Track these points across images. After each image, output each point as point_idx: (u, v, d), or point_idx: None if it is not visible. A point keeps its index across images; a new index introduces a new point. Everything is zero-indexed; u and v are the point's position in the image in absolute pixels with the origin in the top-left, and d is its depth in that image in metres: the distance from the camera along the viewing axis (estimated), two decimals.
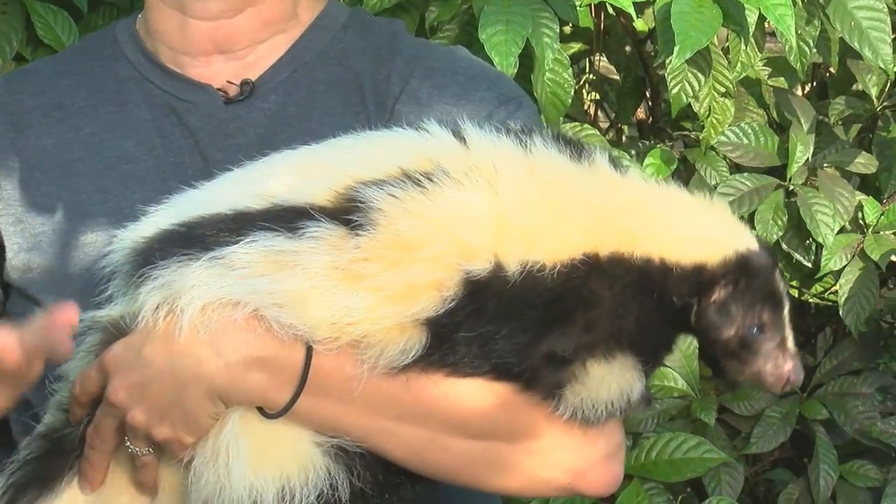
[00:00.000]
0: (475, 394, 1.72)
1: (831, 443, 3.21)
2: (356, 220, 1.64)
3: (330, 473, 1.70)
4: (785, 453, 3.35)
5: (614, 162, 1.73)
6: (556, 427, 1.74)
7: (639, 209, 1.71)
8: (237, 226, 1.68)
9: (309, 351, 1.66)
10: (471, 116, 1.85)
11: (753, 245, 1.73)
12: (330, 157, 1.75)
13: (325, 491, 1.69)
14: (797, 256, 3.14)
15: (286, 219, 1.66)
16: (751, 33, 2.75)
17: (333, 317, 1.64)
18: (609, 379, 1.71)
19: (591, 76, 3.29)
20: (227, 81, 1.97)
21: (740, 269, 1.71)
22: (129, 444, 1.69)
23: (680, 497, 3.14)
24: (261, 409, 1.68)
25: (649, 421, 3.17)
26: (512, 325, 1.68)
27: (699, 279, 1.69)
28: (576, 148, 1.72)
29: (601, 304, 1.68)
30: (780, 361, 1.72)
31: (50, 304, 1.78)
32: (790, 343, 1.73)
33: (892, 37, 2.85)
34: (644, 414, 3.15)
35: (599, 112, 3.51)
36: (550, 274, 1.65)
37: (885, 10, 2.85)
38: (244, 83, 1.97)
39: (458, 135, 1.72)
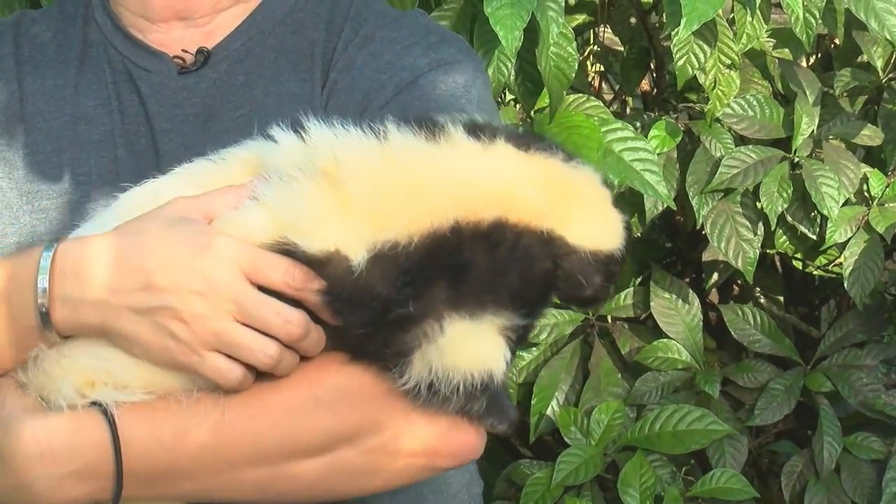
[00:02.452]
0: (303, 409, 1.65)
1: (835, 415, 3.19)
2: None
3: None
4: (789, 425, 3.33)
5: (476, 131, 1.66)
6: (396, 416, 1.68)
7: (516, 177, 1.66)
8: None
9: (115, 437, 1.59)
10: (391, 83, 1.84)
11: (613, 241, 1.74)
12: (161, 187, 1.69)
13: None
14: (802, 228, 3.12)
15: None
16: (757, 4, 2.75)
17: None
18: (469, 346, 1.63)
19: (595, 47, 3.28)
20: (183, 50, 1.93)
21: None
22: None
23: (683, 469, 3.13)
24: None
25: (653, 393, 3.16)
26: (351, 303, 1.60)
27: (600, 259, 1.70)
28: (429, 127, 1.64)
29: (473, 275, 1.61)
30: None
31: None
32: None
33: None
34: (647, 386, 3.16)
35: (603, 83, 3.51)
36: (405, 250, 1.57)
37: None
38: (199, 52, 1.94)
39: (300, 134, 1.65)
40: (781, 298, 3.52)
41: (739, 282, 3.31)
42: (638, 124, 3.00)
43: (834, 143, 3.14)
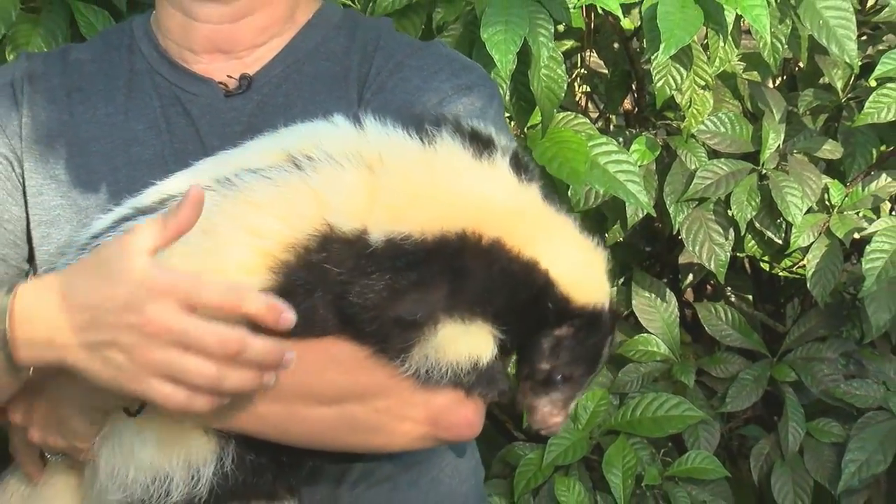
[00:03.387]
0: (320, 362, 1.68)
1: (799, 403, 3.19)
2: (218, 192, 1.65)
3: (225, 455, 1.69)
4: (757, 412, 3.32)
5: (518, 165, 1.70)
6: (401, 385, 1.70)
7: (536, 218, 1.68)
8: (130, 217, 1.72)
9: None
10: (426, 103, 1.89)
11: (607, 305, 1.72)
12: (233, 154, 1.75)
13: (226, 470, 1.69)
14: (769, 234, 3.11)
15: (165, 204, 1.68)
16: (729, 31, 2.72)
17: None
18: (459, 341, 1.65)
19: (582, 70, 3.27)
20: (228, 76, 1.96)
21: (590, 320, 1.69)
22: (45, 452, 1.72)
23: (662, 451, 3.13)
24: (126, 410, 1.65)
25: (634, 382, 3.15)
26: (366, 286, 1.63)
27: (560, 307, 1.67)
28: (481, 145, 1.68)
29: (470, 280, 1.64)
30: (554, 413, 1.74)
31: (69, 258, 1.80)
32: (572, 404, 1.75)
33: (857, 34, 2.81)
34: (629, 377, 3.15)
35: (590, 103, 3.50)
36: (416, 242, 1.61)
37: (851, 9, 2.81)
38: (242, 77, 1.96)
39: (359, 125, 1.70)
40: (750, 297, 3.51)
41: (712, 282, 3.31)
42: (621, 139, 2.99)
43: (798, 156, 3.12)
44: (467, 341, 1.66)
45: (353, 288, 1.62)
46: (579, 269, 1.70)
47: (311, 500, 1.84)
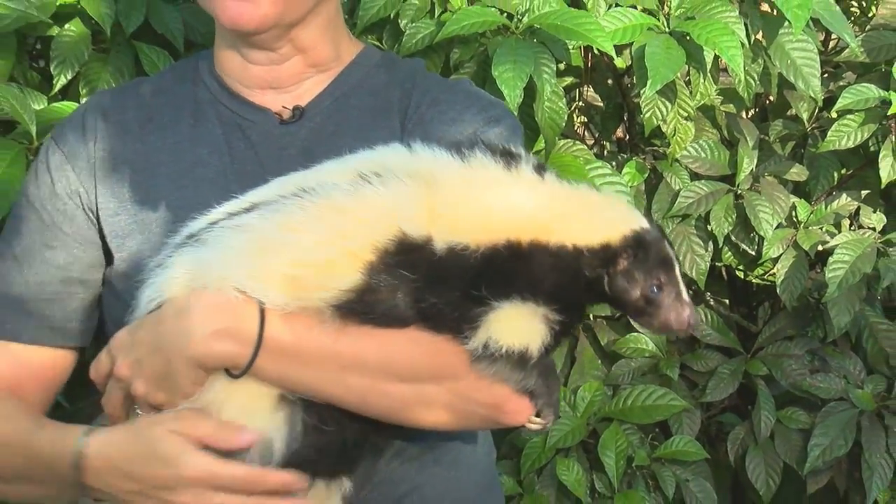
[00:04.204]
0: (403, 344, 1.70)
1: (770, 394, 3.20)
2: (304, 198, 1.68)
3: (296, 431, 1.70)
4: (733, 402, 3.34)
5: (539, 168, 1.74)
6: (471, 371, 1.73)
7: (554, 207, 1.71)
8: (219, 220, 1.73)
9: (262, 318, 1.66)
10: (462, 132, 1.92)
11: (645, 224, 1.74)
12: (311, 172, 1.78)
13: (296, 446, 1.70)
14: (743, 246, 3.13)
15: (254, 208, 1.72)
16: (708, 69, 2.75)
17: (283, 267, 1.66)
18: (514, 323, 1.69)
19: (580, 103, 3.28)
20: (283, 106, 1.98)
21: (637, 243, 1.71)
22: (137, 408, 1.71)
23: (650, 435, 3.14)
24: (228, 371, 1.68)
25: (626, 376, 3.16)
26: (438, 283, 1.67)
27: (606, 255, 1.69)
28: (508, 158, 1.72)
29: (520, 278, 1.68)
30: (679, 310, 1.73)
31: (138, 281, 1.83)
32: (684, 295, 1.74)
33: (820, 72, 2.84)
34: (621, 371, 3.16)
35: (586, 132, 3.51)
36: (473, 253, 1.65)
37: (815, 50, 2.85)
38: (295, 108, 1.98)
39: (410, 148, 1.74)
40: (727, 301, 3.52)
41: (693, 288, 3.30)
42: (614, 163, 3.01)
43: (769, 178, 3.15)
44: (521, 325, 1.69)
45: (426, 288, 1.67)
46: (602, 218, 1.72)
47: (373, 478, 1.86)
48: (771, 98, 3.34)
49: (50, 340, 1.97)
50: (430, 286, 1.67)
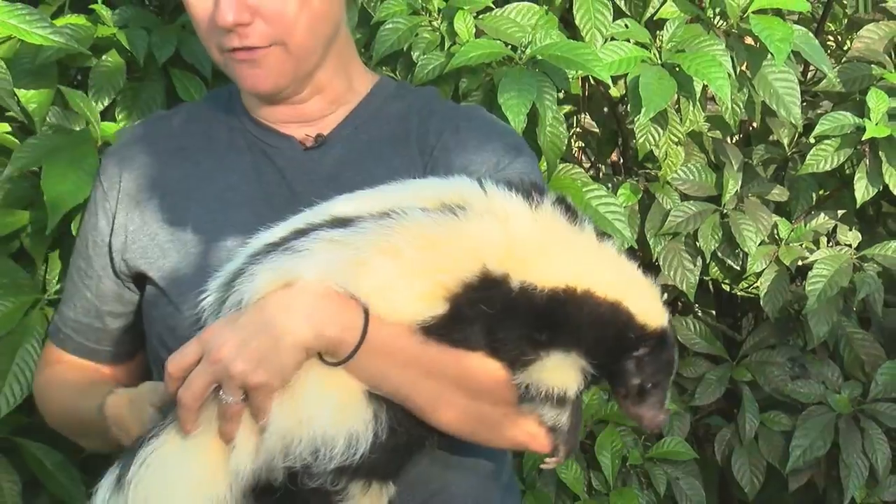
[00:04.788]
0: (475, 364, 1.71)
1: (754, 398, 3.21)
2: (393, 221, 1.67)
3: (380, 430, 1.68)
4: (720, 405, 3.34)
5: (597, 231, 1.76)
6: (518, 404, 1.75)
7: (617, 269, 1.74)
8: (306, 231, 1.70)
9: (366, 315, 1.65)
10: (483, 162, 1.92)
11: (667, 324, 1.76)
12: (388, 191, 1.77)
13: (377, 444, 1.67)
14: (729, 262, 3.13)
15: (342, 223, 1.69)
16: (697, 98, 2.76)
17: (378, 285, 1.66)
18: (558, 371, 1.70)
19: (578, 129, 3.28)
20: (306, 135, 1.98)
21: (660, 339, 1.73)
22: (222, 394, 1.63)
23: (643, 437, 3.13)
24: (323, 360, 1.66)
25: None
26: (508, 320, 1.68)
27: (638, 334, 1.72)
28: (573, 214, 1.74)
29: (570, 322, 1.69)
30: (657, 412, 1.76)
31: (175, 296, 1.86)
32: (666, 402, 1.77)
33: (800, 100, 2.85)
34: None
35: (584, 156, 3.52)
36: (539, 292, 1.67)
37: (796, 80, 2.86)
38: (318, 136, 1.98)
39: (482, 185, 1.74)
40: (714, 312, 3.53)
41: (683, 300, 3.32)
42: (609, 185, 3.02)
43: (752, 199, 3.15)
44: (563, 372, 1.70)
45: (499, 322, 1.68)
46: (647, 302, 1.74)
47: (405, 478, 1.82)
48: (754, 124, 3.34)
49: (90, 357, 2.07)
50: (501, 321, 1.68)
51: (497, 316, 1.68)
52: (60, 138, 2.49)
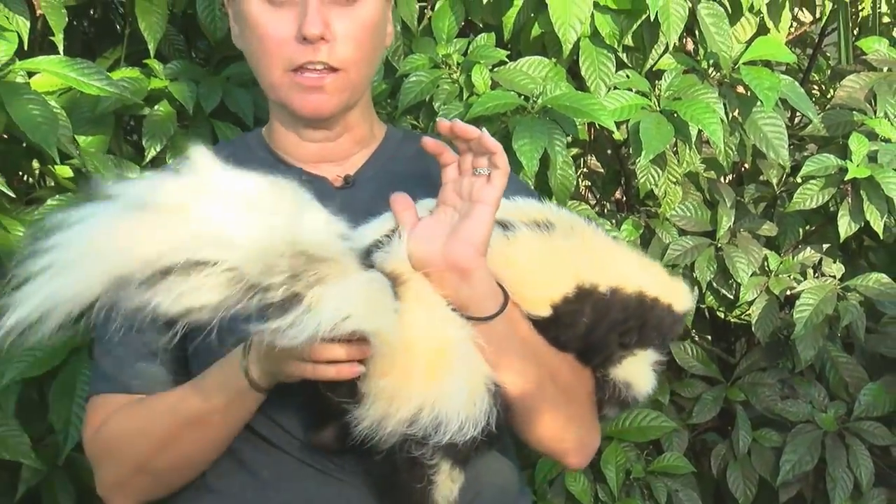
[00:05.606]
0: (568, 359, 1.75)
1: (747, 416, 3.20)
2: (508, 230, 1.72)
3: (490, 416, 1.66)
4: (715, 423, 3.32)
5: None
6: (590, 413, 1.78)
7: (653, 268, 1.82)
8: None
9: (506, 297, 1.68)
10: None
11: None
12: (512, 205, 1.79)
13: (486, 429, 1.65)
14: (723, 291, 3.13)
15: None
16: (693, 142, 2.77)
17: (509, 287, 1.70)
18: (641, 370, 1.75)
19: (584, 169, 3.30)
20: (336, 175, 1.98)
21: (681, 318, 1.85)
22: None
23: (645, 452, 3.14)
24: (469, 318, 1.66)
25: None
26: (596, 325, 1.72)
27: (678, 319, 1.81)
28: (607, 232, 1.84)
29: (645, 321, 1.74)
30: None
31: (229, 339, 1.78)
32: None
33: (788, 143, 2.85)
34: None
35: (589, 194, 3.53)
36: (625, 297, 1.72)
37: (784, 126, 2.85)
38: (346, 177, 1.98)
39: (551, 206, 1.80)
40: (709, 337, 3.52)
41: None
42: (613, 221, 3.03)
43: (744, 234, 3.15)
44: (643, 371, 1.76)
45: (589, 326, 1.71)
46: (678, 293, 1.82)
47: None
48: (746, 166, 3.34)
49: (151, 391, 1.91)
50: (592, 326, 1.72)
51: (592, 322, 1.72)
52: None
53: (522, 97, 2.62)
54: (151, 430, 1.78)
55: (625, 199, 3.34)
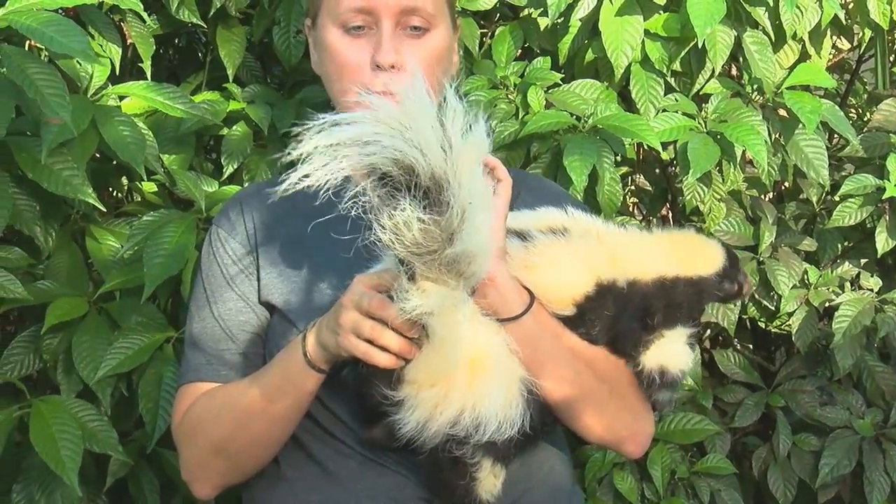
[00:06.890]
0: (602, 352, 1.70)
1: (787, 421, 3.09)
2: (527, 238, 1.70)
3: (526, 415, 1.61)
4: (756, 427, 3.21)
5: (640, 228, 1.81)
6: (638, 400, 1.71)
7: (674, 247, 1.76)
8: None
9: (532, 296, 1.65)
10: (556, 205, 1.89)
11: (722, 256, 1.80)
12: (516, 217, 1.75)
13: (523, 429, 1.61)
14: (765, 302, 3.01)
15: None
16: (737, 161, 2.68)
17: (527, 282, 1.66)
18: (675, 349, 1.69)
19: (632, 187, 3.21)
20: None
21: (725, 271, 1.76)
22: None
23: (689, 453, 3.04)
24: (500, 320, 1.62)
25: (669, 405, 3.03)
26: (624, 314, 1.67)
27: (713, 284, 1.74)
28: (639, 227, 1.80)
29: (668, 302, 1.68)
30: (743, 283, 1.80)
31: (300, 322, 1.78)
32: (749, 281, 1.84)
33: (828, 163, 2.76)
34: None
35: (636, 210, 3.44)
36: (643, 285, 1.66)
37: (824, 146, 2.76)
38: None
39: (569, 213, 1.77)
40: (751, 346, 3.41)
41: (724, 335, 3.21)
42: None
43: (785, 249, 3.05)
44: (678, 349, 1.70)
45: (614, 317, 1.67)
46: (704, 259, 1.77)
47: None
48: (787, 184, 3.23)
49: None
50: (617, 318, 1.68)
51: (615, 314, 1.68)
52: (169, 216, 2.43)
53: (574, 117, 2.55)
54: (225, 414, 1.77)
55: (671, 215, 3.25)
